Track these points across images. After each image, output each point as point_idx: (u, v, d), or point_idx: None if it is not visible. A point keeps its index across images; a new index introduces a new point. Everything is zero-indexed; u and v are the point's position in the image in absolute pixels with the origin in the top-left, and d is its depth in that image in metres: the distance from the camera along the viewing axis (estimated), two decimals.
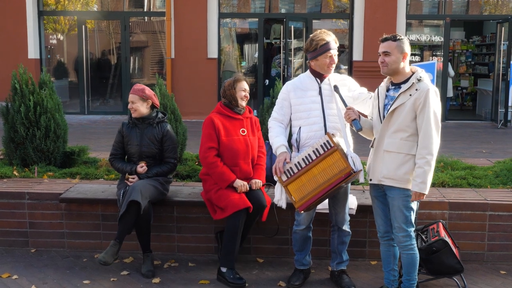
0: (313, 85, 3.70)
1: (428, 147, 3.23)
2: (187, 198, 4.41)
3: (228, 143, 4.02)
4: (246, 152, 4.07)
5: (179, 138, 5.25)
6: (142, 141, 4.25)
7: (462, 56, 14.81)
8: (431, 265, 3.75)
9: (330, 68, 3.66)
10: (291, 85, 3.77)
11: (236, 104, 4.09)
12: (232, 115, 4.09)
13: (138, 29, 13.84)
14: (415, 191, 3.28)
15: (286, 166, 3.59)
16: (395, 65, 3.31)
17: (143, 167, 4.22)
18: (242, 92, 4.09)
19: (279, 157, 3.63)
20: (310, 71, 3.74)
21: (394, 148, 3.34)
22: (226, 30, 13.09)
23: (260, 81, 12.65)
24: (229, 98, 4.10)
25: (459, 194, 4.49)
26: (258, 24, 12.70)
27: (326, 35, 3.64)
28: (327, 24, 13.30)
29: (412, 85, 3.28)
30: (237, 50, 13.34)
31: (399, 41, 3.30)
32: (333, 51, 3.63)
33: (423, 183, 3.24)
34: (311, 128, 3.65)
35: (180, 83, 11.99)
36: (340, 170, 3.41)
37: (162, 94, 5.29)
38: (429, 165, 3.24)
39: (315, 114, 3.65)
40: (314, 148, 3.52)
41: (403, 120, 3.29)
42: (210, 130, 4.03)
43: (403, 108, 3.29)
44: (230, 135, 4.04)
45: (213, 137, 4.01)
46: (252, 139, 4.12)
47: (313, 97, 3.67)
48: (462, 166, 5.37)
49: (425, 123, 3.24)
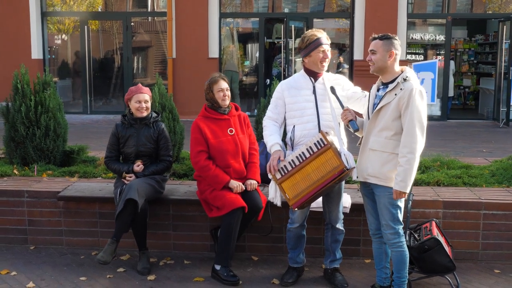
0: (307, 84, 3.74)
1: (410, 146, 3.26)
2: (183, 196, 4.46)
3: (217, 145, 4.04)
4: (236, 151, 4.09)
5: (176, 137, 5.32)
6: (139, 141, 4.31)
7: (465, 55, 14.77)
8: (423, 263, 3.77)
9: (323, 63, 3.69)
10: (285, 84, 3.82)
11: (218, 105, 4.12)
12: (217, 117, 4.12)
13: (141, 29, 13.92)
14: (395, 189, 3.32)
15: (280, 164, 3.63)
16: (380, 63, 3.36)
17: (139, 165, 4.28)
18: (220, 92, 4.09)
19: (273, 155, 3.68)
20: (304, 70, 3.79)
21: (379, 147, 3.38)
22: (227, 30, 13.13)
23: (261, 81, 12.70)
24: (210, 101, 4.14)
25: (454, 193, 4.50)
26: (259, 24, 12.74)
27: (317, 32, 3.70)
28: (329, 23, 13.32)
29: (397, 84, 3.32)
30: (239, 50, 13.38)
31: (386, 40, 3.35)
32: (325, 46, 3.67)
33: (402, 181, 3.28)
34: (305, 126, 3.69)
35: (182, 83, 12.05)
36: (333, 168, 3.45)
37: (161, 94, 5.36)
38: (410, 164, 3.27)
39: (309, 113, 3.69)
40: (307, 146, 3.56)
41: (388, 119, 3.33)
42: (197, 134, 4.07)
43: (388, 107, 3.33)
44: (218, 137, 4.06)
45: (200, 141, 4.04)
46: (241, 138, 4.14)
47: (307, 96, 3.71)
48: (458, 165, 5.37)
49: (408, 122, 3.27)
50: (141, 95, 4.30)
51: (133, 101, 4.31)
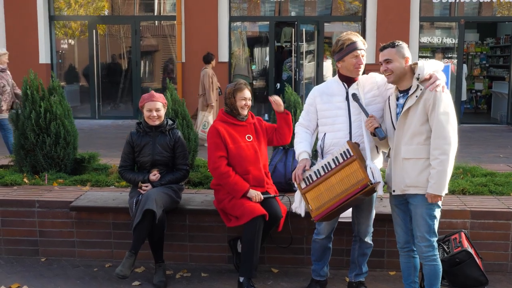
0: (340, 90, 3.58)
1: (441, 147, 3.13)
2: (199, 206, 4.32)
3: (236, 150, 3.94)
4: (255, 157, 3.99)
5: (190, 145, 5.21)
6: (155, 150, 4.19)
7: (476, 58, 14.62)
8: (454, 277, 3.62)
9: (358, 69, 3.51)
10: (318, 90, 3.68)
11: (238, 113, 4.03)
12: (235, 122, 4.03)
13: (148, 33, 13.84)
14: (429, 193, 3.18)
15: (305, 173, 3.51)
16: (399, 70, 3.25)
17: (156, 175, 4.15)
18: (243, 101, 4.00)
19: (299, 163, 3.56)
20: (338, 76, 3.63)
21: (412, 155, 3.25)
22: (236, 34, 13.02)
23: (271, 85, 12.57)
24: (230, 106, 4.04)
25: (481, 202, 4.35)
26: (269, 28, 12.62)
27: (353, 35, 3.53)
28: (338, 26, 13.18)
29: (417, 87, 3.21)
30: (248, 54, 13.26)
31: (398, 46, 3.27)
32: (360, 51, 3.49)
33: (436, 183, 3.14)
34: (335, 135, 3.54)
35: (191, 88, 11.91)
36: (358, 181, 3.31)
37: (174, 100, 5.23)
38: (443, 165, 3.12)
39: (341, 121, 3.53)
40: (333, 156, 3.43)
41: (416, 124, 3.21)
42: (216, 139, 3.95)
43: (415, 111, 3.21)
44: (237, 142, 3.96)
45: (220, 146, 3.94)
46: (259, 145, 4.05)
47: (339, 103, 3.55)
48: (482, 172, 5.22)
49: (435, 123, 3.14)
50: (153, 103, 4.18)
51: (145, 109, 4.20)
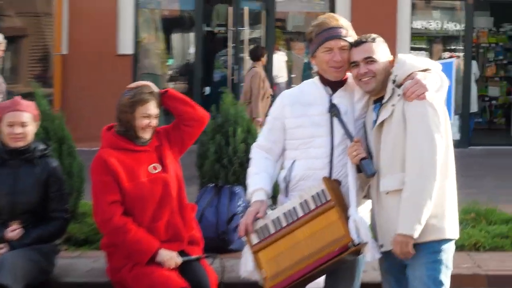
0: (320, 97, 3.64)
1: (418, 165, 3.23)
2: (84, 278, 4.44)
3: (135, 190, 3.99)
4: (166, 195, 4.03)
5: (74, 181, 5.29)
6: (16, 188, 4.21)
7: (490, 52, 15.07)
8: None
9: (335, 69, 3.57)
10: (288, 97, 3.75)
11: (136, 136, 4.05)
12: (133, 148, 4.06)
13: (11, 10, 13.61)
14: (396, 236, 3.25)
15: (259, 222, 3.54)
16: (383, 74, 3.41)
17: (15, 230, 4.15)
18: (145, 119, 4.01)
19: (250, 207, 3.62)
20: (318, 77, 3.72)
21: (392, 185, 3.35)
22: (146, 13, 13.01)
23: (197, 89, 12.53)
24: (125, 125, 4.05)
25: (501, 261, 4.57)
26: (195, 4, 12.65)
27: (331, 18, 3.66)
28: (296, 5, 13.47)
29: (393, 92, 3.34)
30: (163, 43, 13.26)
31: (379, 41, 3.47)
32: (336, 41, 3.55)
33: (406, 220, 3.22)
34: (309, 164, 3.59)
35: (76, 93, 11.79)
36: (335, 239, 3.36)
37: (44, 112, 5.16)
38: (419, 192, 3.20)
39: (319, 144, 3.59)
40: (302, 199, 3.49)
41: (394, 142, 3.32)
42: (104, 175, 3.98)
43: (389, 126, 3.33)
44: (136, 177, 4.00)
45: (111, 186, 3.97)
46: (170, 176, 4.09)
47: (318, 117, 3.61)
48: (501, 217, 5.46)
49: (412, 131, 3.24)
50: (17, 114, 4.22)
51: (4, 124, 4.21)
